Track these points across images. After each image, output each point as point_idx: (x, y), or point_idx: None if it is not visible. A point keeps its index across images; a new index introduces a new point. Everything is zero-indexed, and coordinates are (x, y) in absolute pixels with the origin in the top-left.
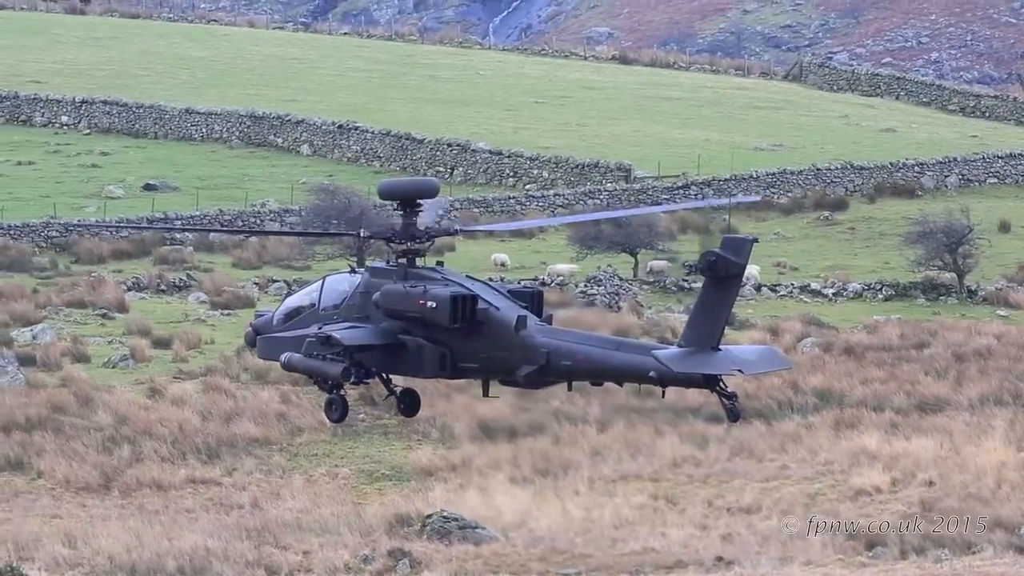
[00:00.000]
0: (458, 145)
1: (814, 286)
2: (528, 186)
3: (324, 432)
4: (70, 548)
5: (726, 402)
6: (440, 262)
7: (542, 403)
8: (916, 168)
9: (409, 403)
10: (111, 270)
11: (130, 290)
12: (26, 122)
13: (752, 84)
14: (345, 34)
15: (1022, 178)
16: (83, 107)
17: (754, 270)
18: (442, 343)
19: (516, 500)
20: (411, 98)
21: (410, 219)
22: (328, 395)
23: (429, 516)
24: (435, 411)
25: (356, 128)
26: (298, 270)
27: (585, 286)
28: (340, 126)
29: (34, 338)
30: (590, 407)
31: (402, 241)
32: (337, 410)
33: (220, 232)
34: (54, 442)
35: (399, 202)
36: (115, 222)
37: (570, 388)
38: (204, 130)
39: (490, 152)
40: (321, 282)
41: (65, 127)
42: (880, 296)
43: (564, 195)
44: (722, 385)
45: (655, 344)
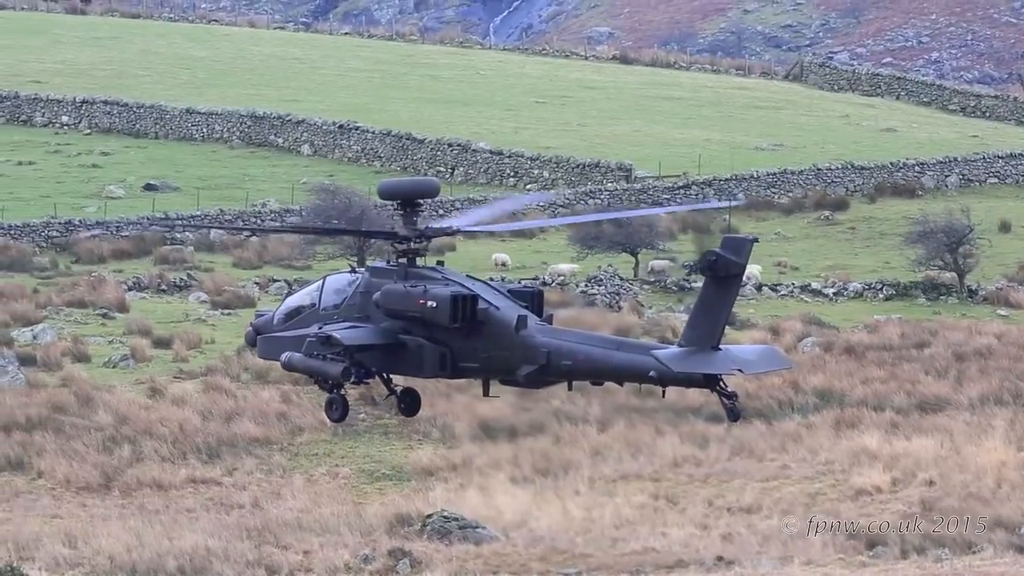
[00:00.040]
0: (459, 145)
1: (815, 286)
2: (529, 186)
3: (325, 432)
4: (70, 548)
5: (726, 402)
6: (440, 262)
7: (542, 403)
8: (916, 168)
9: (409, 403)
10: (111, 270)
11: (130, 290)
12: (27, 122)
13: (753, 84)
14: (346, 34)
15: (1022, 178)
16: (84, 107)
17: (755, 270)
18: (442, 343)
19: (516, 500)
20: (412, 98)
21: (411, 219)
22: (328, 395)
23: (429, 516)
24: (435, 411)
25: (357, 128)
26: (299, 270)
27: (586, 286)
28: (341, 126)
29: (34, 338)
30: (590, 407)
31: (402, 241)
32: (338, 410)
33: (219, 229)
34: (54, 442)
35: (400, 202)
36: (115, 222)
37: (570, 388)
38: (205, 130)
39: (491, 152)
40: (321, 282)
41: (66, 127)
42: (881, 296)
43: (564, 195)
44: (722, 385)
45: (655, 344)
